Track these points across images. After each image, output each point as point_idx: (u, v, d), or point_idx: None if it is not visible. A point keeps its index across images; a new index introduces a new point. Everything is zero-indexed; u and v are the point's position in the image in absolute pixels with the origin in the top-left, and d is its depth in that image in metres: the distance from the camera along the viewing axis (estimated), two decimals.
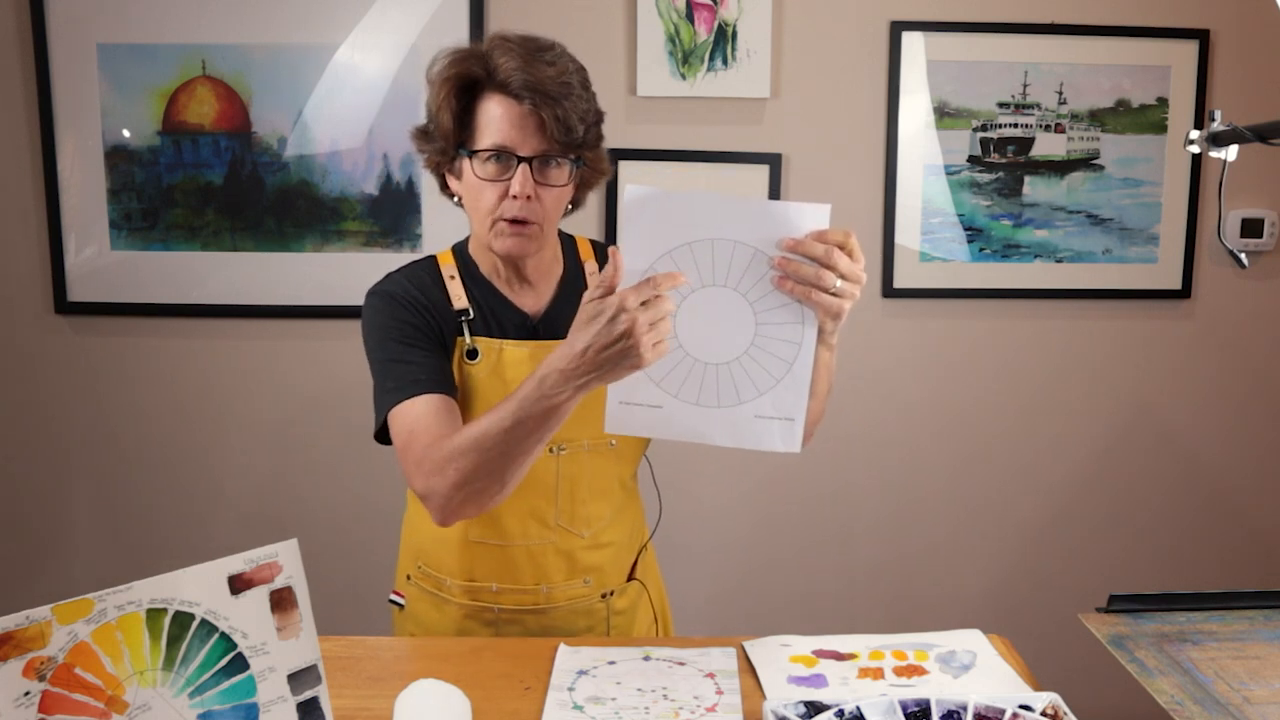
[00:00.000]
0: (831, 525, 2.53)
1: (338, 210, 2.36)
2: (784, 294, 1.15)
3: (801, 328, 1.17)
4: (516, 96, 1.28)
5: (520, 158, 1.29)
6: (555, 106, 1.27)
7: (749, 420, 1.20)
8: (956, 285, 2.44)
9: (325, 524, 2.45)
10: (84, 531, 2.46)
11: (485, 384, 1.38)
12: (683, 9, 2.31)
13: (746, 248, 1.13)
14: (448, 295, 1.40)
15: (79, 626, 0.89)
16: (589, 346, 1.11)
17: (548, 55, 1.31)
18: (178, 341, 2.40)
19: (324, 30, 2.30)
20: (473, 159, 1.31)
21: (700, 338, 1.17)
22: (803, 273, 1.13)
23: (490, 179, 1.31)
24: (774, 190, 2.37)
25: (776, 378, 1.19)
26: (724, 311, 1.16)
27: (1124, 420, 2.53)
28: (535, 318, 1.42)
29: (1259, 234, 2.45)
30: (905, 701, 1.11)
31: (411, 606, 1.50)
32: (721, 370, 1.19)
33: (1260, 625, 1.33)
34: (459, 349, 1.38)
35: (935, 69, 2.37)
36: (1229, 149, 1.45)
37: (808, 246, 1.13)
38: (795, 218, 1.13)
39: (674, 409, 1.20)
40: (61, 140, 2.31)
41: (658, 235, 1.13)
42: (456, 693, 1.14)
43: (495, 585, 1.43)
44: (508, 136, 1.29)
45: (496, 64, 1.29)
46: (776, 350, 1.18)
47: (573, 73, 1.32)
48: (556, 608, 1.44)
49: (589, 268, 1.47)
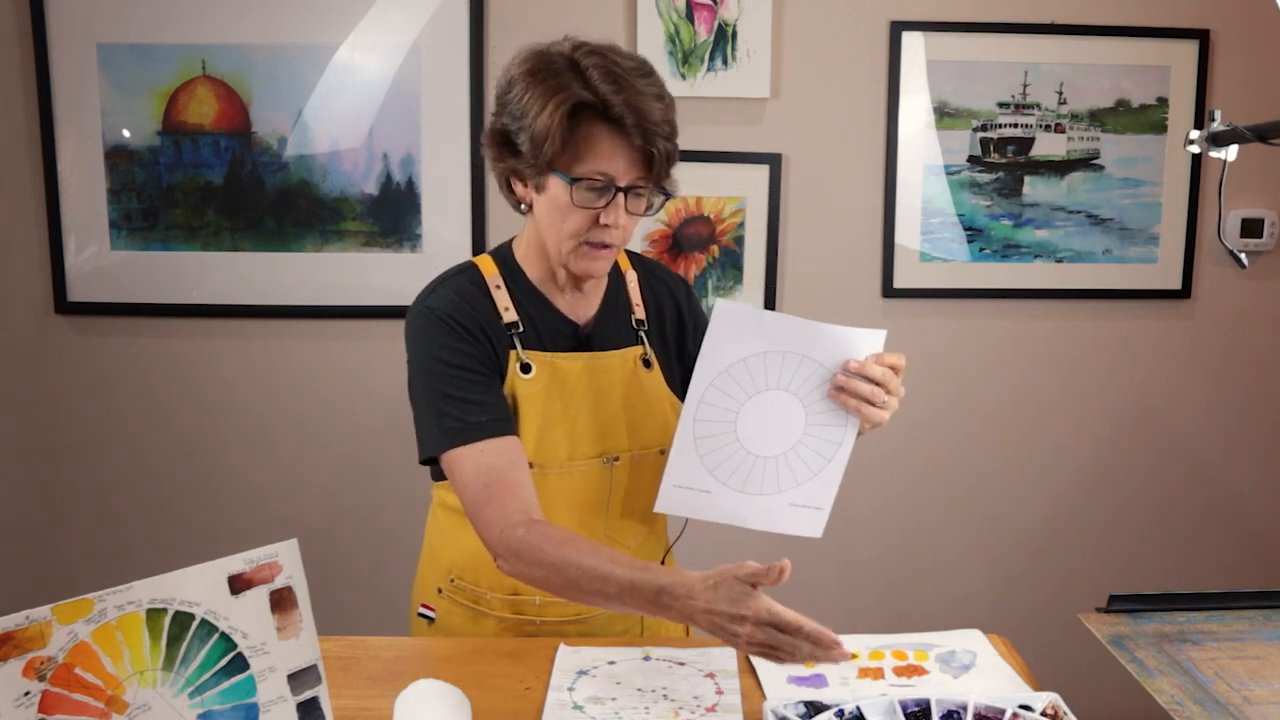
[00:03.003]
0: (831, 525, 2.51)
1: (338, 210, 2.36)
2: (835, 402, 1.27)
3: (844, 430, 1.31)
4: (628, 133, 1.25)
5: (619, 188, 1.28)
6: (665, 143, 1.27)
7: (784, 508, 1.34)
8: (956, 285, 2.44)
9: (326, 524, 2.45)
10: (84, 531, 2.46)
11: (539, 397, 1.36)
12: (683, 9, 2.31)
13: (811, 361, 1.26)
14: (496, 307, 1.37)
15: (79, 626, 0.89)
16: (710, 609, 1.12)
17: (652, 86, 1.28)
18: (178, 341, 2.40)
19: (324, 30, 2.30)
20: (573, 185, 1.28)
21: (757, 433, 1.29)
22: (860, 390, 1.25)
23: (586, 205, 1.29)
24: (773, 190, 2.37)
25: (814, 471, 1.33)
26: (780, 411, 1.28)
27: (1124, 420, 2.53)
28: (585, 327, 1.42)
29: (1259, 234, 2.45)
30: (905, 701, 1.11)
31: (444, 620, 1.47)
32: (769, 463, 1.31)
33: (1260, 625, 1.33)
34: (512, 362, 1.36)
35: (935, 69, 2.37)
36: (1229, 149, 1.45)
37: (870, 370, 1.25)
38: (856, 341, 1.26)
39: (720, 494, 1.32)
40: (61, 140, 2.31)
41: (739, 345, 1.24)
42: (456, 693, 1.14)
43: (539, 599, 1.41)
44: (613, 167, 1.27)
45: (602, 92, 1.25)
46: (819, 449, 1.31)
47: (670, 105, 1.31)
48: (597, 616, 1.43)
49: (629, 278, 1.48)
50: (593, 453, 1.38)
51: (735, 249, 2.40)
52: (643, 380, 1.43)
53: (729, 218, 2.39)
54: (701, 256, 2.40)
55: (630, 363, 1.42)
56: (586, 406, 1.38)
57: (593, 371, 1.39)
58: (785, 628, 1.10)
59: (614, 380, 1.40)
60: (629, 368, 1.42)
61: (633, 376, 1.42)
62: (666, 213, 2.37)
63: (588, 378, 1.38)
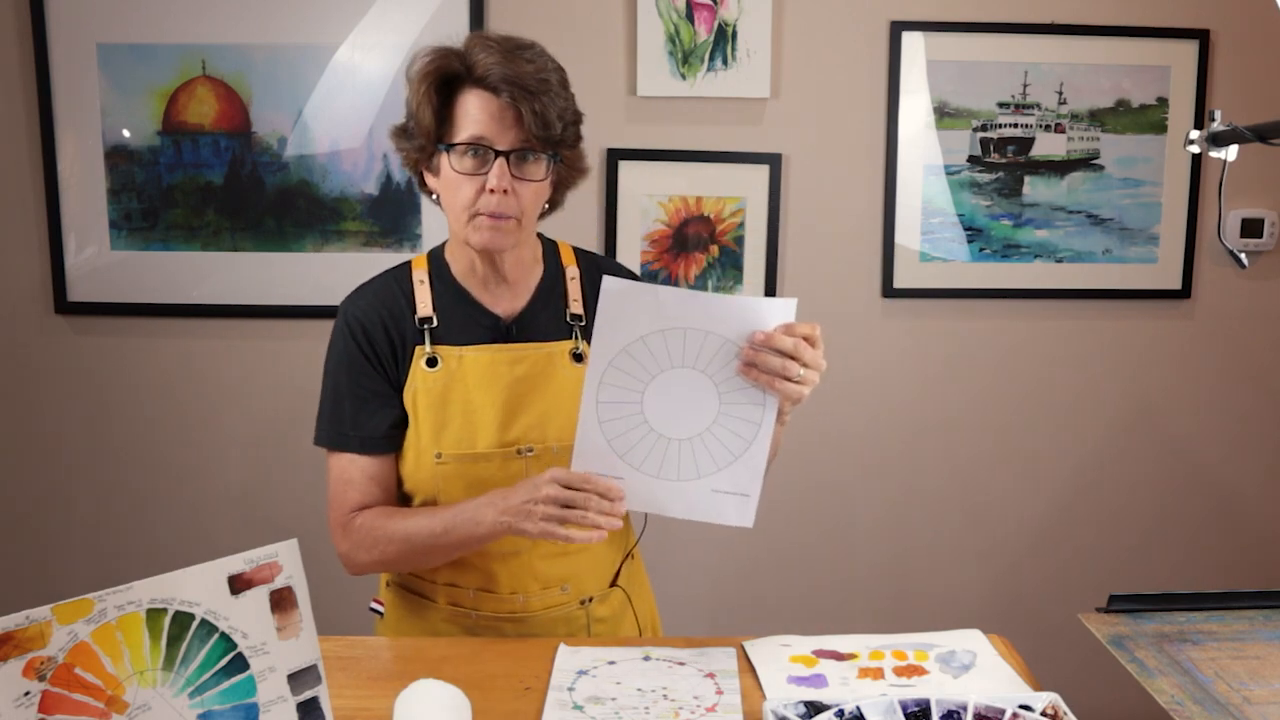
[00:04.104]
0: (831, 525, 2.53)
1: (337, 210, 2.36)
2: (747, 379, 1.22)
3: (762, 410, 1.24)
4: (494, 90, 1.29)
5: (498, 151, 1.30)
6: (533, 101, 1.28)
7: (706, 494, 1.27)
8: (956, 285, 2.44)
9: (326, 524, 2.44)
10: (84, 531, 2.46)
11: (443, 390, 1.37)
12: (683, 9, 2.31)
13: (716, 337, 1.20)
14: (414, 303, 1.41)
15: (79, 626, 0.89)
16: (520, 497, 1.26)
17: (527, 53, 1.32)
18: (178, 341, 2.40)
19: (324, 30, 2.30)
20: (450, 153, 1.32)
21: (666, 414, 1.24)
22: (770, 364, 1.20)
23: (468, 173, 1.31)
24: (773, 190, 2.37)
25: (735, 455, 1.26)
26: (690, 392, 1.23)
27: (1123, 420, 2.53)
28: (508, 320, 1.42)
29: (1259, 234, 2.45)
30: (905, 701, 1.11)
31: (391, 614, 1.50)
32: (684, 446, 1.25)
33: (1260, 625, 1.33)
34: (418, 357, 1.38)
35: (935, 69, 2.37)
36: (1229, 149, 1.45)
37: (777, 341, 1.19)
38: (765, 312, 1.20)
39: (635, 481, 1.26)
40: (61, 140, 2.31)
41: (635, 323, 1.20)
42: (456, 693, 1.14)
43: (474, 591, 1.42)
44: (485, 129, 1.30)
45: (475, 60, 1.30)
46: (737, 429, 1.25)
47: (551, 70, 1.33)
48: (534, 616, 1.42)
49: (570, 273, 1.47)
50: (500, 443, 1.37)
51: (735, 249, 2.40)
52: (570, 374, 1.40)
53: (729, 218, 2.39)
54: (701, 256, 2.40)
55: (557, 356, 1.41)
56: (494, 398, 1.37)
57: (506, 363, 1.38)
58: (571, 483, 1.23)
59: (534, 373, 1.39)
60: (554, 360, 1.40)
61: (558, 370, 1.40)
62: (666, 212, 2.37)
63: (499, 369, 1.38)
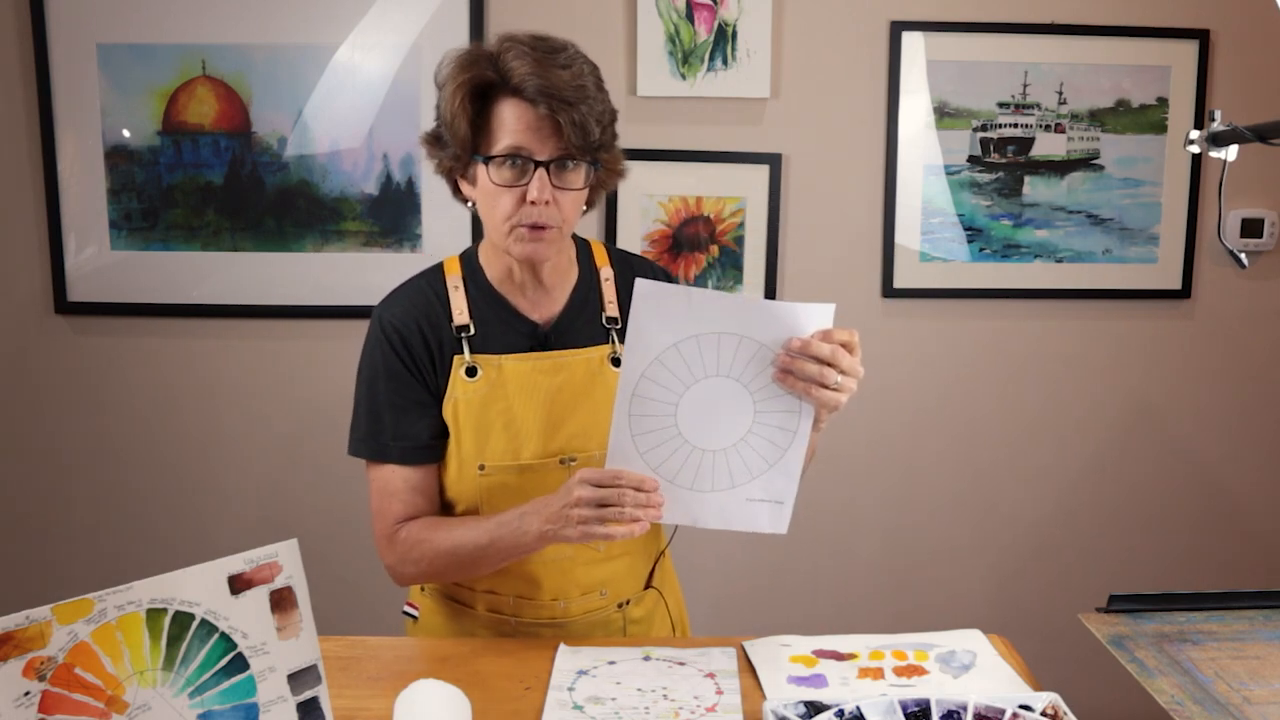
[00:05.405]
0: (831, 525, 2.53)
1: (338, 210, 2.36)
2: (783, 386, 1.19)
3: (798, 417, 1.21)
4: (532, 101, 1.25)
5: (537, 162, 1.28)
6: (572, 111, 1.25)
7: (740, 503, 1.25)
8: (956, 285, 2.44)
9: (326, 524, 2.45)
10: (84, 531, 2.46)
11: (480, 400, 1.36)
12: (683, 9, 2.31)
13: (751, 342, 1.16)
14: (450, 310, 1.38)
15: (79, 626, 0.89)
16: (558, 504, 1.23)
17: (561, 58, 1.29)
18: (178, 341, 2.40)
19: (324, 30, 2.30)
20: (489, 164, 1.29)
21: (700, 426, 1.21)
22: (807, 371, 1.17)
23: (507, 184, 1.29)
24: (773, 190, 2.37)
25: (770, 463, 1.23)
26: (724, 401, 1.20)
27: (1124, 420, 2.53)
28: (545, 326, 1.40)
29: (1259, 234, 2.45)
30: (905, 701, 1.11)
31: (427, 619, 1.48)
32: (718, 456, 1.22)
33: (1260, 625, 1.33)
34: (457, 366, 1.36)
35: (935, 69, 2.37)
36: (1229, 149, 1.45)
37: (814, 348, 1.16)
38: (802, 317, 1.16)
39: (669, 494, 1.24)
40: (61, 140, 2.31)
41: (667, 328, 1.16)
42: (456, 693, 1.14)
43: (513, 598, 1.41)
44: (524, 140, 1.27)
45: (509, 67, 1.26)
46: (772, 437, 1.22)
47: (587, 75, 1.30)
48: (573, 621, 1.42)
49: (604, 274, 1.45)
50: (544, 453, 1.36)
51: (735, 249, 2.40)
52: (610, 379, 1.38)
53: (729, 218, 2.39)
54: (701, 256, 2.40)
55: (596, 362, 1.39)
56: (535, 407, 1.36)
57: (546, 372, 1.37)
58: (602, 481, 1.21)
59: (573, 380, 1.38)
60: (593, 367, 1.39)
61: (598, 376, 1.39)
62: (666, 212, 2.37)
63: (539, 378, 1.36)
